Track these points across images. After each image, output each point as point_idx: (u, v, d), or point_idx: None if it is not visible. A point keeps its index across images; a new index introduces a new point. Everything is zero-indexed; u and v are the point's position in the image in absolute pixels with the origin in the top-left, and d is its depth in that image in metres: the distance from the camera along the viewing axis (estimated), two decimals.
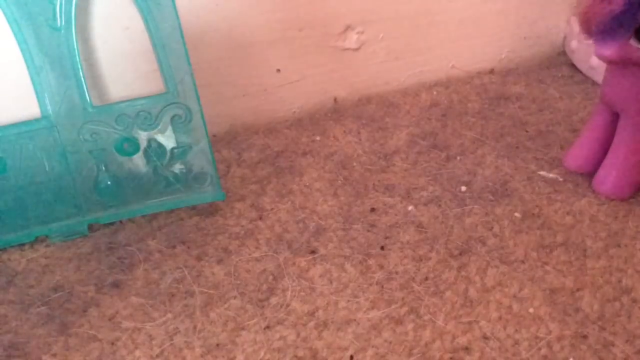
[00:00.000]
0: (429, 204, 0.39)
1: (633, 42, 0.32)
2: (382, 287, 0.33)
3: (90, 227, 0.39)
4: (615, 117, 0.38)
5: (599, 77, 0.54)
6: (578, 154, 0.41)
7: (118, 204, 0.39)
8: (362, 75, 0.52)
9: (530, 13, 0.58)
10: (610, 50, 0.32)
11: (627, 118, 0.37)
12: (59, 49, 0.36)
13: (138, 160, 0.39)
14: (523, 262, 0.35)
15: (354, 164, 0.44)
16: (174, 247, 0.37)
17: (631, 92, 0.36)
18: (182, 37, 0.37)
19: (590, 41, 0.33)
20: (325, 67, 0.50)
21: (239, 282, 0.34)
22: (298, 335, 0.30)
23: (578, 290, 0.33)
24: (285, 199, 0.40)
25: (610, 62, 0.33)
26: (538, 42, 0.60)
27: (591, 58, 0.54)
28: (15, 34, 0.36)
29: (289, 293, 0.33)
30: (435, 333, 0.30)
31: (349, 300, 0.32)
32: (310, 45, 0.49)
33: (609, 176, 0.39)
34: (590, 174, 0.41)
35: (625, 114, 0.37)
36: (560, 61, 0.60)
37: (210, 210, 0.40)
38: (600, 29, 0.31)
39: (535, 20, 0.59)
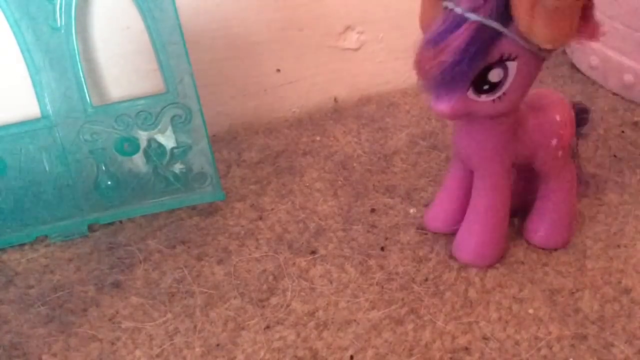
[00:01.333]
0: (429, 205, 0.39)
1: (471, 94, 0.27)
2: (382, 287, 0.33)
3: (90, 227, 0.39)
4: (472, 173, 0.33)
5: (599, 77, 0.54)
6: (436, 214, 0.36)
7: (118, 204, 0.39)
8: (362, 75, 0.52)
9: None
10: (445, 104, 0.27)
11: (481, 177, 0.32)
12: (59, 49, 0.36)
13: (138, 160, 0.39)
14: (523, 263, 0.35)
15: (354, 164, 0.44)
16: (174, 247, 0.37)
17: (483, 149, 0.31)
18: (182, 37, 0.37)
19: (426, 94, 0.27)
20: (325, 67, 0.50)
21: (239, 282, 0.34)
22: (298, 335, 0.30)
23: (578, 290, 0.33)
24: (286, 199, 0.40)
25: (448, 117, 0.28)
26: None
27: (591, 58, 0.54)
28: (15, 34, 0.36)
29: (289, 293, 0.33)
30: (435, 333, 0.30)
31: (349, 301, 0.32)
32: (310, 45, 0.49)
33: (469, 243, 0.34)
34: (452, 234, 0.35)
35: (478, 173, 0.32)
36: (560, 61, 0.60)
37: (210, 210, 0.40)
38: (433, 80, 0.26)
39: None
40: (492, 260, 0.34)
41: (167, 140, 0.39)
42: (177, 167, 0.39)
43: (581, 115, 0.35)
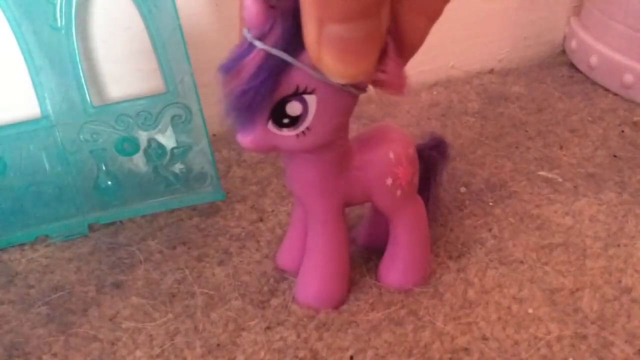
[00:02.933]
0: (429, 207, 0.39)
1: (272, 128, 0.24)
2: (381, 289, 0.33)
3: (91, 227, 0.39)
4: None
5: (599, 77, 0.54)
6: (285, 253, 0.34)
7: (118, 204, 0.39)
8: None
9: (530, 13, 0.58)
10: (246, 137, 0.24)
11: (310, 216, 0.30)
12: (59, 49, 0.36)
13: (138, 160, 0.39)
14: (522, 262, 0.35)
15: None
16: (174, 247, 0.37)
17: (304, 186, 0.29)
18: (182, 37, 0.37)
19: (233, 128, 0.25)
20: None
21: (239, 283, 0.34)
22: (298, 336, 0.30)
23: (577, 290, 0.33)
24: (286, 200, 0.40)
25: (251, 150, 0.25)
26: (538, 42, 0.60)
27: (591, 58, 0.54)
28: (15, 34, 0.36)
29: (289, 295, 0.33)
30: (434, 334, 0.30)
31: (349, 302, 0.32)
32: None
33: (310, 287, 0.31)
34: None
35: (307, 211, 0.30)
36: (560, 61, 0.60)
37: (210, 211, 0.40)
38: (232, 111, 0.23)
39: (535, 20, 0.59)
40: (333, 302, 0.32)
41: (167, 140, 0.39)
42: (177, 167, 0.39)
43: (441, 150, 0.33)
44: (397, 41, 0.22)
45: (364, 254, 0.35)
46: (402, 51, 0.23)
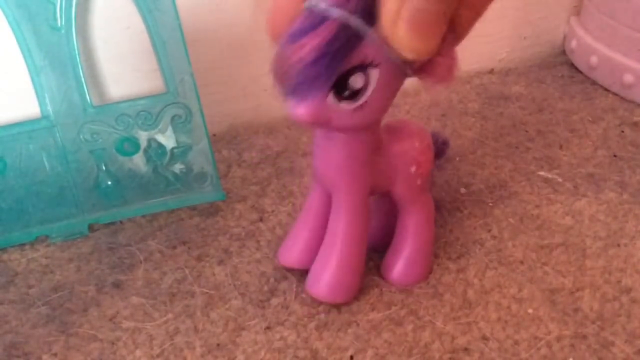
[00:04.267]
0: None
1: (331, 100, 0.24)
2: (382, 289, 0.33)
3: (91, 227, 0.39)
4: (330, 201, 0.31)
5: (599, 77, 0.54)
6: (292, 246, 0.33)
7: (118, 204, 0.39)
8: None
9: (530, 13, 0.58)
10: (304, 108, 0.24)
11: (338, 201, 0.30)
12: (59, 49, 0.36)
13: (138, 160, 0.39)
14: (522, 263, 0.35)
15: None
16: (174, 247, 0.37)
17: (340, 167, 0.28)
18: (182, 37, 0.37)
19: (284, 99, 0.25)
20: None
21: (239, 283, 0.34)
22: (298, 335, 0.30)
23: (577, 290, 0.33)
24: (286, 200, 0.40)
25: (305, 123, 0.25)
26: (538, 42, 0.60)
27: (591, 58, 0.54)
28: (15, 34, 0.36)
29: (289, 294, 0.33)
30: (434, 334, 0.30)
31: (349, 302, 0.32)
32: None
33: (323, 276, 0.31)
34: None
35: (335, 195, 0.30)
36: (560, 61, 0.60)
37: (210, 210, 0.40)
38: (292, 81, 0.24)
39: (535, 20, 0.59)
40: (346, 295, 0.31)
41: (167, 140, 0.39)
42: (177, 167, 0.39)
43: (439, 146, 0.34)
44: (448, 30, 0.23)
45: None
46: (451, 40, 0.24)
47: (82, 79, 0.37)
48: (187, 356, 0.30)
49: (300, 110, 0.24)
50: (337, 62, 0.23)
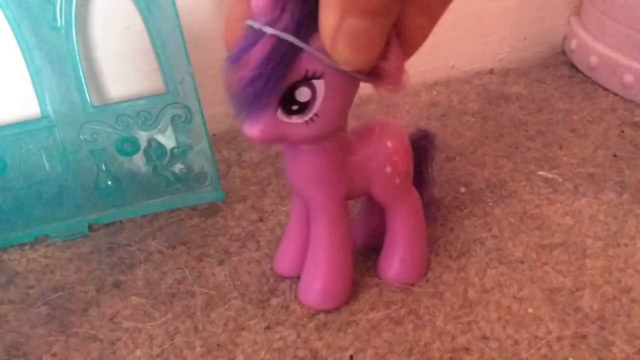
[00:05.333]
0: (428, 206, 0.39)
1: (281, 116, 0.24)
2: (381, 289, 0.33)
3: (91, 227, 0.39)
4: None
5: (599, 77, 0.54)
6: (284, 256, 0.34)
7: (118, 204, 0.39)
8: None
9: (530, 13, 0.58)
10: (255, 128, 0.24)
11: (314, 211, 0.30)
12: (59, 49, 0.36)
13: (138, 160, 0.39)
14: (522, 262, 0.35)
15: None
16: (174, 247, 0.37)
17: (309, 177, 0.28)
18: (182, 37, 0.37)
19: (237, 118, 0.24)
20: None
21: (239, 283, 0.34)
22: (298, 335, 0.30)
23: (577, 290, 0.33)
24: (286, 201, 0.40)
25: (260, 142, 0.25)
26: (538, 42, 0.60)
27: (591, 58, 0.54)
28: (15, 34, 0.36)
29: (289, 294, 0.33)
30: (434, 333, 0.30)
31: (348, 302, 0.32)
32: None
33: (313, 286, 0.31)
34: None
35: (310, 205, 0.30)
36: (560, 61, 0.60)
37: (210, 211, 0.40)
38: (238, 100, 0.23)
39: (535, 20, 0.59)
40: (338, 301, 0.32)
41: (167, 140, 0.39)
42: (177, 167, 0.39)
43: (421, 142, 0.34)
44: (399, 39, 0.23)
45: (363, 254, 0.35)
46: (404, 49, 0.23)
47: (82, 79, 0.37)
48: (187, 356, 0.30)
49: (253, 130, 0.24)
50: (276, 77, 0.23)
